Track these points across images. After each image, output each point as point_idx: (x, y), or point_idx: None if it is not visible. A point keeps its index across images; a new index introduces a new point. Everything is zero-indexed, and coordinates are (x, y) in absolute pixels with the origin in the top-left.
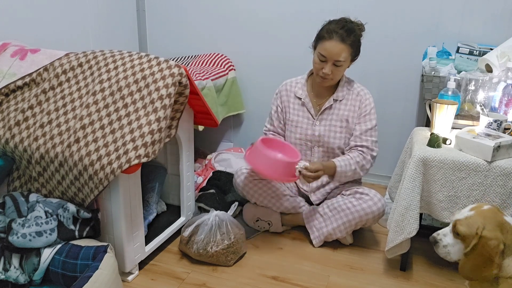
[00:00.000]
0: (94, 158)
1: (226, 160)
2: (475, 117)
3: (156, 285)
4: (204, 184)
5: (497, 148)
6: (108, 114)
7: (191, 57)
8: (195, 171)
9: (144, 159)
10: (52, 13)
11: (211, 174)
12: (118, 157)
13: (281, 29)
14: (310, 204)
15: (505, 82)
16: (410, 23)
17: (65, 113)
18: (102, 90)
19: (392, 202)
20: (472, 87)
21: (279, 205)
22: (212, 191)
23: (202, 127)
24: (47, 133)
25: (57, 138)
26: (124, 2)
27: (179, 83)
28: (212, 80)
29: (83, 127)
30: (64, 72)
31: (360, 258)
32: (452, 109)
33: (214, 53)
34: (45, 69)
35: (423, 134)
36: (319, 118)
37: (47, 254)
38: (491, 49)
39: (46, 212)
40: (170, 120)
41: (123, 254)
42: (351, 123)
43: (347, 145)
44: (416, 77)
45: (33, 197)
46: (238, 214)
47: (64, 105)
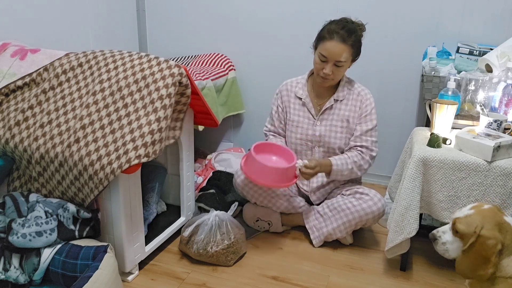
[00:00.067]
0: (94, 158)
1: (226, 160)
2: (475, 117)
3: (156, 285)
4: (204, 184)
5: (497, 148)
6: (108, 114)
7: (191, 57)
8: (195, 171)
9: (144, 159)
10: (52, 13)
11: (211, 174)
12: (118, 157)
13: (281, 29)
14: (310, 204)
15: (505, 82)
16: (410, 23)
17: (65, 113)
18: (102, 90)
19: (392, 202)
20: (472, 87)
21: (279, 205)
22: (212, 191)
23: (202, 127)
24: (47, 133)
25: (57, 138)
26: (124, 2)
27: (179, 83)
28: (212, 80)
29: (83, 127)
30: (64, 72)
31: (360, 258)
32: (452, 109)
33: (214, 53)
34: (45, 69)
35: (423, 134)
36: (320, 118)
37: (47, 254)
38: (491, 49)
39: (46, 212)
40: (174, 121)
41: (123, 254)
42: (352, 123)
43: (348, 145)
44: (416, 77)
45: (33, 197)
46: (238, 214)
47: (64, 105)
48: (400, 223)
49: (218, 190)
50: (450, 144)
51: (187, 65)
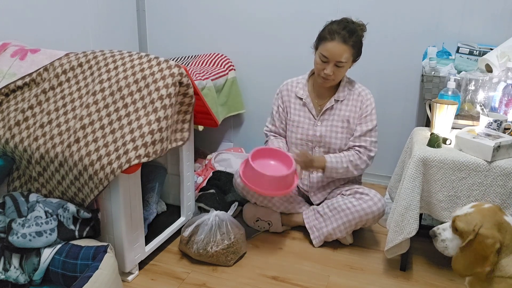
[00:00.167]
0: (94, 158)
1: (226, 160)
2: (475, 117)
3: (156, 285)
4: (204, 184)
5: (497, 148)
6: (108, 114)
7: (191, 57)
8: (195, 171)
9: (144, 159)
10: (52, 13)
11: (211, 174)
12: (118, 157)
13: (281, 29)
14: (310, 204)
15: (505, 82)
16: (410, 23)
17: (65, 113)
18: (102, 90)
19: (392, 202)
20: (472, 87)
21: (279, 205)
22: (212, 191)
23: (202, 127)
24: (47, 133)
25: (57, 138)
26: (124, 2)
27: (180, 83)
28: (212, 80)
29: (83, 127)
30: (64, 72)
31: (360, 258)
32: (452, 109)
33: (214, 53)
34: (45, 69)
35: (423, 134)
36: (321, 118)
37: (47, 254)
38: (491, 49)
39: (46, 212)
40: (181, 123)
41: (123, 254)
42: (352, 124)
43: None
44: (416, 77)
45: (33, 197)
46: (238, 214)
47: (64, 105)
48: (400, 223)
49: (218, 190)
50: (450, 144)
51: (187, 65)
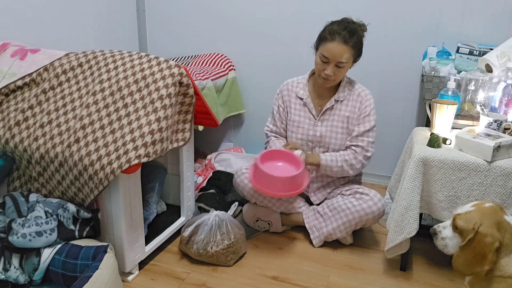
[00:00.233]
0: (94, 158)
1: (226, 160)
2: (475, 117)
3: (156, 285)
4: (204, 184)
5: (497, 148)
6: (108, 114)
7: (191, 57)
8: (195, 171)
9: (144, 159)
10: (52, 13)
11: (211, 174)
12: (118, 157)
13: (281, 29)
14: (310, 204)
15: (505, 82)
16: (410, 23)
17: (65, 113)
18: (102, 90)
19: (392, 202)
20: (472, 87)
21: (279, 205)
22: (212, 191)
23: (202, 127)
24: (47, 133)
25: (57, 138)
26: (124, 2)
27: (180, 83)
28: (212, 80)
29: (83, 127)
30: (64, 72)
31: (360, 258)
32: (452, 109)
33: (214, 53)
34: (45, 69)
35: (423, 134)
36: (321, 118)
37: (47, 254)
38: (491, 49)
39: (46, 212)
40: (182, 123)
41: (123, 254)
42: (351, 124)
43: None
44: (416, 77)
45: (33, 197)
46: (238, 214)
47: (64, 105)
48: (400, 223)
49: (218, 190)
50: (450, 144)
51: (187, 65)
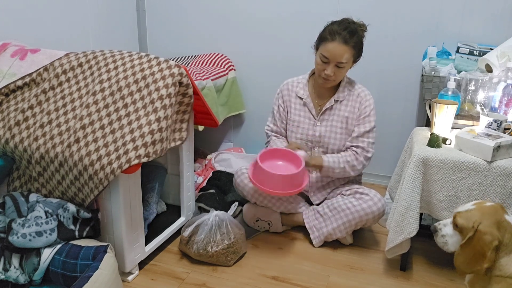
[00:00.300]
0: (94, 158)
1: (226, 160)
2: (475, 117)
3: (156, 285)
4: (204, 184)
5: (497, 148)
6: (108, 114)
7: (191, 57)
8: (195, 171)
9: (144, 159)
10: (52, 13)
11: (211, 174)
12: (118, 157)
13: (281, 29)
14: (310, 204)
15: (505, 82)
16: (410, 23)
17: (65, 113)
18: (102, 90)
19: (392, 202)
20: (472, 87)
21: (279, 205)
22: (212, 191)
23: (202, 127)
24: (47, 133)
25: (57, 138)
26: (124, 2)
27: (180, 83)
28: (212, 80)
29: (83, 127)
30: (64, 72)
31: (360, 258)
32: (452, 109)
33: (214, 53)
34: (45, 69)
35: (423, 134)
36: (320, 118)
37: (47, 254)
38: (491, 49)
39: (46, 212)
40: (180, 123)
41: (123, 254)
42: (350, 124)
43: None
44: (416, 77)
45: (33, 197)
46: (238, 214)
47: (64, 105)
48: (400, 223)
49: (218, 190)
50: (450, 144)
51: (187, 65)
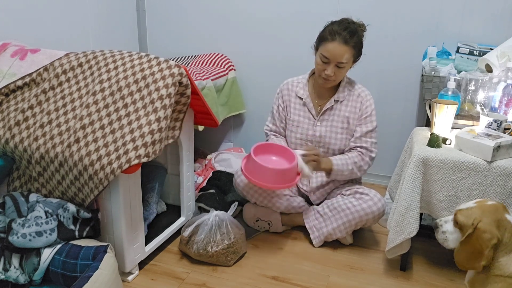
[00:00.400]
0: (94, 158)
1: (226, 160)
2: (475, 117)
3: (156, 285)
4: (204, 184)
5: (497, 148)
6: (108, 114)
7: (191, 57)
8: (195, 171)
9: (144, 159)
10: (52, 13)
11: (211, 174)
12: (118, 157)
13: (281, 29)
14: (310, 204)
15: (505, 82)
16: (410, 23)
17: (65, 113)
18: (102, 90)
19: (392, 202)
20: (472, 87)
21: (279, 205)
22: (212, 191)
23: (202, 127)
24: (47, 133)
25: (57, 138)
26: (124, 2)
27: (179, 83)
28: (212, 80)
29: (83, 127)
30: (64, 72)
31: (360, 258)
32: (452, 109)
33: (214, 53)
34: (45, 69)
35: (423, 134)
36: (320, 118)
37: (47, 254)
38: (491, 49)
39: (46, 212)
40: (174, 121)
41: (123, 254)
42: (352, 124)
43: (348, 146)
44: (416, 77)
45: (33, 197)
46: (238, 214)
47: (64, 105)
48: (400, 223)
49: (218, 190)
50: (450, 144)
51: (187, 65)
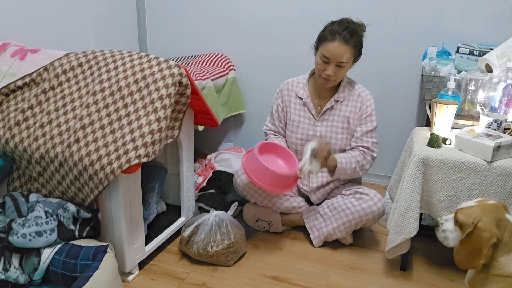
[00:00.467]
0: (94, 158)
1: (226, 160)
2: (475, 117)
3: (156, 285)
4: (204, 184)
5: (497, 148)
6: (108, 114)
7: (191, 57)
8: (195, 171)
9: (144, 159)
10: (52, 13)
11: (211, 174)
12: (118, 157)
13: (281, 29)
14: (310, 204)
15: (505, 82)
16: (410, 23)
17: (65, 113)
18: (102, 90)
19: (392, 202)
20: (472, 87)
21: (279, 205)
22: (212, 191)
23: (202, 127)
24: (47, 133)
25: (57, 138)
26: (124, 2)
27: (179, 83)
28: (212, 80)
29: (83, 127)
30: (64, 72)
31: (360, 258)
32: (452, 109)
33: (214, 53)
34: (45, 69)
35: (423, 134)
36: (321, 118)
37: (47, 254)
38: (491, 49)
39: (46, 212)
40: (173, 121)
41: (123, 254)
42: (352, 124)
43: (348, 146)
44: (416, 77)
45: (33, 197)
46: (238, 214)
47: (64, 105)
48: (400, 223)
49: (218, 190)
50: (450, 144)
51: (187, 65)
